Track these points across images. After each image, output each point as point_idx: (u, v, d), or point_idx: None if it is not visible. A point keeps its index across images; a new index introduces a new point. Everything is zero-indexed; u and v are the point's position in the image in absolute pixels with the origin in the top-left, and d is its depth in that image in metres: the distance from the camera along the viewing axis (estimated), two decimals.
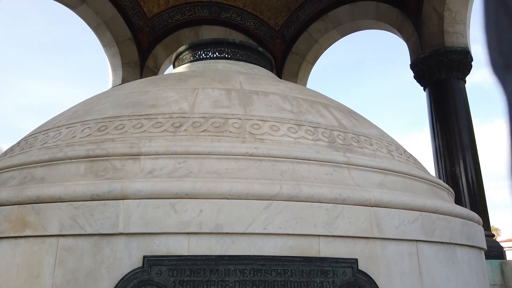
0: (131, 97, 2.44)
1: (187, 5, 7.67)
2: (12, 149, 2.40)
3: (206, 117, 2.16)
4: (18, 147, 2.33)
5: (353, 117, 2.72)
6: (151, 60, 7.74)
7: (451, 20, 5.71)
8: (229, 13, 7.90)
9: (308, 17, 7.72)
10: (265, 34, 8.14)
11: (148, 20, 7.49)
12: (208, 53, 3.90)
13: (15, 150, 2.31)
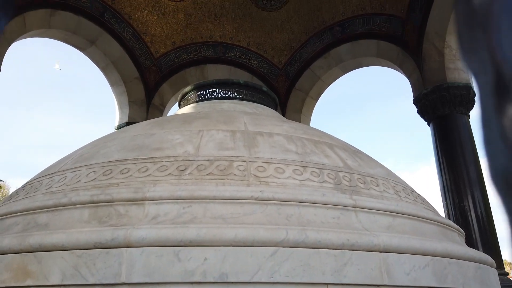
0: (136, 139, 2.45)
1: (193, 45, 7.89)
2: (17, 193, 2.39)
3: (211, 160, 2.16)
4: (23, 191, 2.33)
5: (358, 156, 2.71)
6: (158, 98, 7.88)
7: (452, 57, 5.81)
8: (234, 52, 8.11)
9: (311, 55, 7.89)
10: (269, 72, 8.31)
11: (155, 60, 7.69)
12: (213, 93, 3.96)
13: (20, 194, 2.31)
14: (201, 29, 7.80)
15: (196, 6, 7.53)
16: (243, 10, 7.67)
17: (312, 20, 7.57)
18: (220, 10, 7.66)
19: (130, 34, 7.26)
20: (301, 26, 7.71)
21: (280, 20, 7.72)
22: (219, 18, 7.74)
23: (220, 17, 7.73)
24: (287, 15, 7.64)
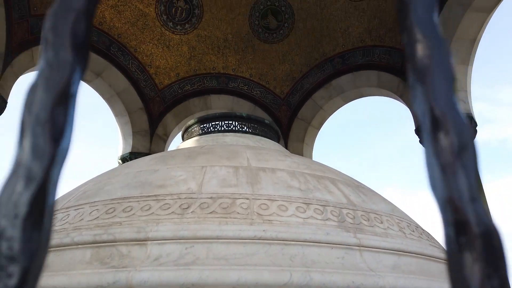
0: (140, 176, 2.46)
1: (196, 77, 8.04)
2: None
3: (214, 198, 2.16)
4: None
5: (362, 191, 2.70)
6: (161, 128, 7.95)
7: None
8: (236, 83, 8.24)
9: (312, 86, 8.00)
10: (271, 102, 8.40)
11: (159, 91, 7.82)
12: (216, 126, 4.00)
13: None
14: (205, 61, 7.97)
15: (200, 39, 7.72)
16: (246, 42, 7.85)
17: (313, 52, 7.72)
18: (223, 43, 7.84)
19: (135, 66, 7.42)
20: (302, 57, 7.86)
21: (281, 52, 7.89)
22: (222, 51, 7.92)
23: (223, 50, 7.91)
24: (288, 47, 7.81)
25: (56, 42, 0.18)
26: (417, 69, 0.24)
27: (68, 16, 0.18)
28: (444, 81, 0.23)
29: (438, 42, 0.24)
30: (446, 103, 0.22)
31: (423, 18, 0.24)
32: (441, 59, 0.23)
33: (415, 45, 0.24)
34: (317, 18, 7.42)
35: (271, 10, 7.59)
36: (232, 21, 7.68)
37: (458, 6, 5.62)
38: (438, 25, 0.25)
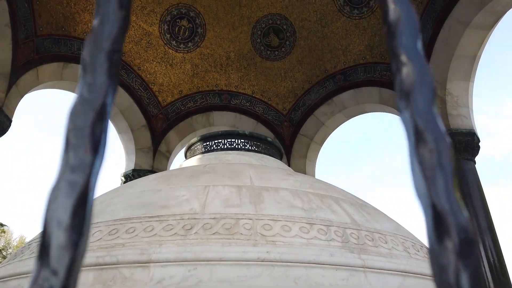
0: (143, 196, 2.47)
1: (199, 94, 8.11)
2: (22, 252, 2.38)
3: (217, 218, 2.15)
4: (28, 250, 2.32)
5: (365, 210, 2.69)
6: (164, 145, 7.97)
7: (454, 104, 5.89)
8: (239, 99, 8.30)
9: (314, 102, 8.05)
10: (274, 118, 8.44)
11: (162, 108, 7.87)
12: (219, 144, 4.02)
13: (25, 253, 2.29)
14: (208, 78, 8.04)
15: (202, 57, 7.81)
16: (248, 60, 7.94)
17: (315, 69, 7.79)
18: (226, 61, 7.93)
19: (138, 84, 7.50)
20: (304, 74, 7.93)
21: (283, 69, 7.96)
22: (224, 68, 8.00)
23: (226, 67, 7.99)
24: (290, 64, 7.89)
25: (76, 144, 0.20)
26: (403, 89, 0.26)
27: (88, 117, 0.20)
28: (426, 100, 0.25)
29: (421, 66, 0.26)
30: (427, 119, 0.25)
31: (408, 45, 0.26)
32: (423, 81, 0.26)
33: (401, 68, 0.27)
34: (318, 36, 7.51)
35: (273, 28, 7.69)
36: (234, 40, 7.78)
37: (458, 24, 5.68)
38: (421, 51, 0.28)
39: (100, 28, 0.23)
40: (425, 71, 0.26)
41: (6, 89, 5.42)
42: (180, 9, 7.41)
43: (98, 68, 0.21)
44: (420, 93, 0.25)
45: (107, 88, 0.22)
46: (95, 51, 0.22)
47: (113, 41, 0.22)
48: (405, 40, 0.26)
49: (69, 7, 6.43)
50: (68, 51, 6.52)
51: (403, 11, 0.26)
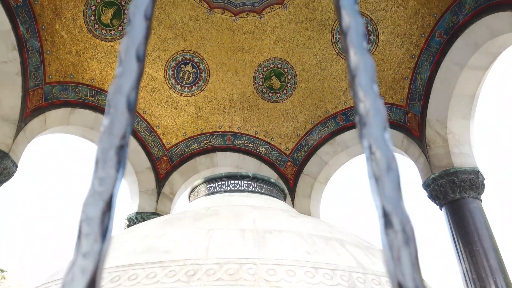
0: (146, 241, 2.46)
1: (203, 135, 8.22)
2: None
3: (220, 263, 2.13)
4: None
5: (371, 253, 2.65)
6: (168, 187, 7.98)
7: (456, 142, 5.93)
8: (242, 140, 8.39)
9: (317, 141, 8.12)
10: (277, 158, 8.49)
11: (167, 150, 7.96)
12: (223, 186, 4.03)
13: None
14: (211, 120, 8.19)
15: (206, 100, 8.01)
16: (251, 102, 8.12)
17: (316, 110, 7.93)
18: (229, 103, 8.11)
19: (143, 127, 7.64)
20: (306, 115, 8.06)
21: (285, 110, 8.11)
22: (228, 110, 8.17)
23: (229, 109, 8.16)
24: (291, 106, 8.04)
25: (88, 233, 0.24)
26: (373, 174, 0.29)
27: (98, 208, 0.24)
28: (392, 184, 0.28)
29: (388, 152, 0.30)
30: (393, 204, 0.27)
31: (378, 136, 0.30)
32: (388, 168, 0.29)
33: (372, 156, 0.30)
34: (318, 78, 7.72)
35: (274, 72, 7.93)
36: (237, 83, 8.00)
37: (454, 65, 5.85)
38: (389, 141, 0.31)
39: (111, 127, 0.27)
40: (390, 156, 0.29)
41: (14, 135, 5.54)
42: (184, 55, 7.69)
43: (108, 163, 0.25)
44: (388, 180, 0.28)
45: (115, 181, 0.25)
46: (106, 147, 0.26)
47: (122, 138, 0.26)
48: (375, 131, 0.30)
49: (78, 56, 6.70)
50: (76, 96, 6.72)
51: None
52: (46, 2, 6.05)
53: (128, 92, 0.31)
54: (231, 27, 7.62)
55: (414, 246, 0.26)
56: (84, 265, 0.24)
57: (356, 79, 0.29)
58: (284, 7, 7.40)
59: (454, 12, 5.74)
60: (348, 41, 0.30)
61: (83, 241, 0.25)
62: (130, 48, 0.33)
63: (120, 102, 0.30)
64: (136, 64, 0.33)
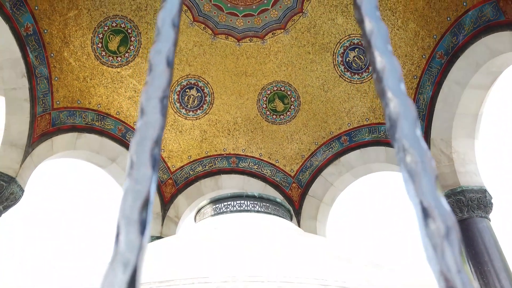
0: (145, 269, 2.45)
1: (207, 158, 8.26)
2: None
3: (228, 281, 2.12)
4: None
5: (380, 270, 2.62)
6: (173, 210, 7.96)
7: (461, 161, 5.92)
8: (247, 162, 8.41)
9: (321, 162, 8.12)
10: (282, 180, 8.47)
11: (172, 173, 7.99)
12: (228, 206, 4.03)
13: None
14: (216, 143, 8.24)
15: (211, 123, 8.09)
16: (255, 124, 8.19)
17: (320, 131, 7.98)
18: (233, 126, 8.18)
19: None
20: (310, 136, 8.10)
21: (289, 132, 8.16)
22: (232, 133, 8.23)
23: (233, 132, 8.22)
24: (296, 127, 8.10)
25: (138, 162, 0.26)
26: (408, 171, 0.30)
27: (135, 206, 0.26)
28: (429, 180, 0.29)
29: (421, 151, 0.31)
30: (431, 197, 0.28)
31: (409, 134, 0.31)
32: (425, 164, 0.30)
33: (405, 154, 0.31)
34: (321, 100, 7.81)
35: (278, 94, 8.04)
36: (241, 106, 8.10)
37: (456, 85, 5.91)
38: (421, 138, 0.32)
39: (144, 129, 0.29)
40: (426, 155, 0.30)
41: (22, 160, 5.59)
42: (189, 80, 7.83)
43: (142, 164, 0.26)
44: (424, 176, 0.28)
45: (151, 179, 0.27)
46: (139, 150, 0.28)
47: (155, 141, 0.28)
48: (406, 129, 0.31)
49: (85, 82, 6.84)
50: (82, 121, 6.82)
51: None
52: (55, 31, 6.24)
53: (161, 96, 0.34)
54: (234, 52, 7.78)
55: (458, 239, 0.26)
56: (125, 258, 0.25)
57: (383, 80, 0.31)
58: (286, 32, 7.58)
59: (454, 33, 5.85)
60: (373, 46, 0.32)
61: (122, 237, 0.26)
62: (160, 54, 0.36)
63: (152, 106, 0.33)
64: (167, 69, 0.36)
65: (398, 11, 6.55)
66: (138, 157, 0.27)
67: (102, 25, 6.82)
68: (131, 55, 7.26)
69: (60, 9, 6.19)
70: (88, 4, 6.52)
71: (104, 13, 6.77)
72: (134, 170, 0.27)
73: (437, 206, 0.28)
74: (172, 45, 0.37)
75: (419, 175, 0.27)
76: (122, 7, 6.89)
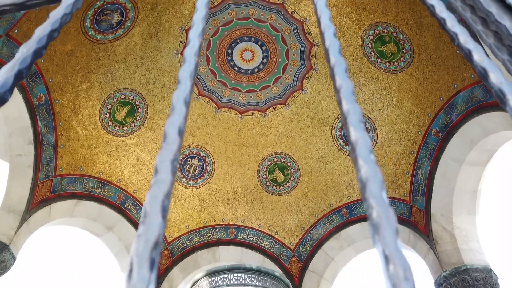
0: None
1: (206, 228, 8.13)
2: None
3: None
4: None
5: None
6: (167, 283, 7.62)
7: (463, 238, 5.82)
8: (245, 234, 8.26)
9: (322, 236, 7.97)
10: (281, 253, 8.24)
11: (168, 243, 7.80)
12: (225, 279, 3.90)
13: None
14: (215, 212, 8.17)
15: (210, 192, 8.10)
16: (254, 195, 8.19)
17: (320, 203, 7.95)
18: (233, 195, 8.18)
19: None
20: (310, 208, 8.05)
21: (289, 203, 8.13)
22: (231, 202, 8.20)
23: (233, 201, 8.20)
24: (295, 198, 8.09)
25: (151, 212, 0.31)
26: (374, 224, 0.35)
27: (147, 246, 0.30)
28: (390, 232, 0.34)
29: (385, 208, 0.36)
30: (392, 246, 0.32)
31: (376, 194, 0.37)
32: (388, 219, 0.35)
33: (372, 211, 0.36)
34: (321, 172, 7.90)
35: (278, 165, 8.16)
36: (241, 176, 8.18)
37: (453, 161, 6.03)
38: (385, 197, 0.37)
39: (157, 186, 0.35)
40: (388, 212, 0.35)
41: (17, 227, 5.53)
42: (192, 149, 8.01)
43: (154, 214, 0.31)
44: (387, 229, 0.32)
45: (160, 226, 0.31)
46: (152, 202, 0.33)
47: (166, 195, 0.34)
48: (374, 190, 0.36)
49: (90, 150, 7.00)
50: (83, 188, 6.85)
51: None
52: (66, 102, 6.55)
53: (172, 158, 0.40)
54: (236, 124, 8.07)
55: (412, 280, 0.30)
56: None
57: (367, 188, 0.36)
58: (287, 107, 7.93)
59: (447, 112, 6.12)
60: (357, 154, 0.38)
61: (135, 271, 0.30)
62: (174, 125, 0.43)
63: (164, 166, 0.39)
64: (178, 137, 0.43)
65: (393, 90, 6.92)
66: (151, 207, 0.33)
67: (112, 97, 7.18)
68: (137, 125, 7.52)
69: (73, 81, 6.57)
70: (100, 78, 6.93)
71: (115, 86, 7.15)
72: (147, 218, 0.32)
73: (396, 254, 0.32)
74: (183, 118, 0.44)
75: (382, 227, 0.32)
76: (132, 81, 7.31)
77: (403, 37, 6.41)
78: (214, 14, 7.35)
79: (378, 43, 6.74)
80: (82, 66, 6.61)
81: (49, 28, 0.53)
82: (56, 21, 0.55)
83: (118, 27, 6.70)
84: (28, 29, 5.45)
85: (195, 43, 0.53)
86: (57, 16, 0.55)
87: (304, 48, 7.59)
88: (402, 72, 6.68)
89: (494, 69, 0.49)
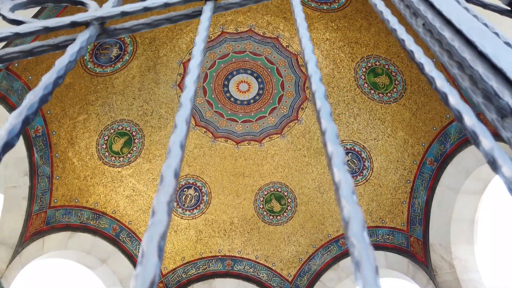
0: None
1: (202, 260, 7.98)
2: None
3: None
4: None
5: None
6: None
7: (463, 268, 5.75)
8: (242, 265, 8.11)
9: (320, 267, 7.84)
10: (279, 285, 8.06)
11: (163, 276, 7.64)
12: None
13: None
14: (211, 243, 8.06)
15: (206, 223, 8.02)
16: (251, 225, 8.11)
17: (318, 233, 7.88)
18: (230, 226, 8.10)
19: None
20: (307, 238, 7.96)
21: (286, 233, 8.05)
22: (228, 233, 8.10)
23: (229, 232, 8.10)
24: (292, 229, 8.01)
25: (148, 252, 0.33)
26: (356, 262, 0.37)
27: (155, 239, 0.33)
28: (370, 269, 0.35)
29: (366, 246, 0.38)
30: (372, 283, 0.33)
31: (357, 233, 0.39)
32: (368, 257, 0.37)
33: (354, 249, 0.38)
34: (318, 201, 7.88)
35: (275, 195, 8.14)
36: (238, 206, 8.13)
37: (449, 190, 6.05)
38: (366, 236, 0.39)
39: (153, 227, 0.38)
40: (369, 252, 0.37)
41: (10, 260, 5.42)
42: (188, 179, 7.99)
43: (151, 254, 0.34)
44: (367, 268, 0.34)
45: (156, 266, 0.34)
46: (149, 242, 0.36)
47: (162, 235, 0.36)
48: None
49: (85, 181, 6.98)
50: (77, 220, 6.77)
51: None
52: (63, 133, 6.59)
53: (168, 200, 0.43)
54: (233, 154, 8.10)
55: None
56: None
57: (348, 227, 0.39)
58: (283, 136, 8.01)
59: (441, 141, 6.20)
60: (340, 195, 0.41)
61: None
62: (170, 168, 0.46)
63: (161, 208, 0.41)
64: (174, 180, 0.46)
65: (387, 121, 7.02)
66: (148, 248, 0.35)
67: (109, 128, 7.23)
68: (133, 155, 7.54)
69: (71, 113, 6.64)
70: (98, 109, 7.01)
71: (112, 117, 7.22)
72: (144, 258, 0.34)
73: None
74: (179, 161, 0.48)
75: (363, 264, 0.34)
76: (129, 112, 7.39)
77: (395, 69, 6.59)
78: (211, 48, 7.55)
79: (371, 75, 6.92)
80: (80, 98, 6.70)
81: (55, 75, 0.57)
82: (62, 68, 0.59)
83: (117, 60, 6.85)
84: (28, 63, 5.57)
85: (191, 89, 0.57)
86: (63, 64, 0.59)
87: (299, 80, 7.76)
88: (395, 103, 6.81)
89: (467, 111, 0.53)
